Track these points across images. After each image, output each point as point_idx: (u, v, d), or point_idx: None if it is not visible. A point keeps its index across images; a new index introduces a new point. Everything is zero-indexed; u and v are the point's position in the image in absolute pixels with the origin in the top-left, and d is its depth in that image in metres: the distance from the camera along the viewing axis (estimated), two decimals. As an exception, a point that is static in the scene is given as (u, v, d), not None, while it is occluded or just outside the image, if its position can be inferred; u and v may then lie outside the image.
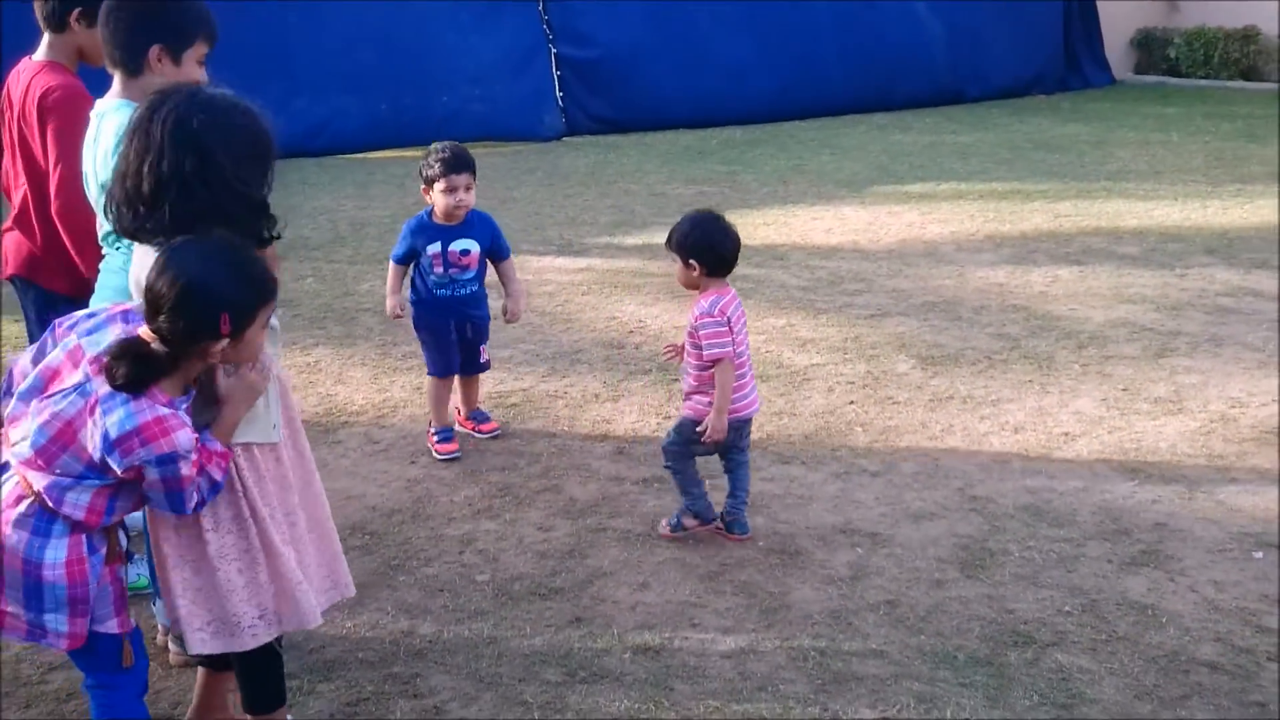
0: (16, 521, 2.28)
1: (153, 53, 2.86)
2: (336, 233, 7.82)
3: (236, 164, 2.40)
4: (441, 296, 4.29)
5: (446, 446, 4.32)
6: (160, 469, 2.24)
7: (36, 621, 2.32)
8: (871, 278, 6.59)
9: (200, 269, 2.24)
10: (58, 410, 2.26)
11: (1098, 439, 4.36)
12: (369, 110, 11.55)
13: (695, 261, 3.50)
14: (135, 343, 2.26)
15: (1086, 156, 10.50)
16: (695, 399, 3.56)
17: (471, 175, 4.22)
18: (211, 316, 2.23)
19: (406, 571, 3.48)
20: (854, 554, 3.55)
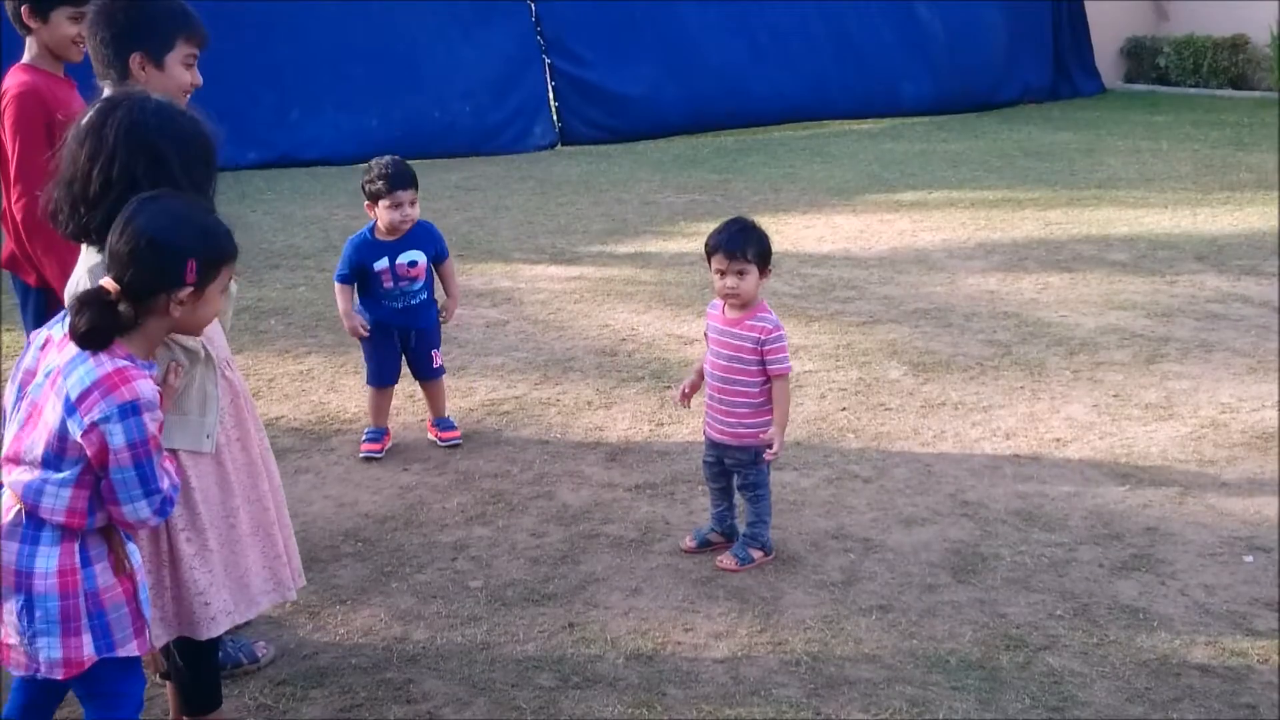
0: (8, 533, 2.24)
1: (134, 61, 2.87)
2: (329, 241, 7.82)
3: (186, 167, 2.43)
4: (393, 309, 4.34)
5: (367, 445, 4.36)
6: (124, 424, 2.16)
7: (30, 650, 2.25)
8: (863, 285, 6.61)
9: (168, 218, 2.26)
10: (29, 397, 2.26)
11: (1089, 444, 4.37)
12: (361, 124, 11.55)
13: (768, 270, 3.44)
14: (97, 292, 2.23)
15: (1077, 164, 10.55)
16: (750, 423, 3.45)
17: (415, 191, 4.28)
18: (178, 263, 2.22)
19: (399, 578, 3.48)
20: (846, 559, 3.56)
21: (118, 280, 2.22)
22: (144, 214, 2.24)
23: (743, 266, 3.40)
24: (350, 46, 11.74)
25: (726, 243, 3.41)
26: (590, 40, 12.82)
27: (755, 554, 3.51)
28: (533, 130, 12.37)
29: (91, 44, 2.93)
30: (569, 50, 12.73)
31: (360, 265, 4.30)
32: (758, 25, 13.44)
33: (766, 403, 3.45)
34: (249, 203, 9.07)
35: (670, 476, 4.15)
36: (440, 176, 10.15)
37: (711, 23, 13.25)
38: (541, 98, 12.59)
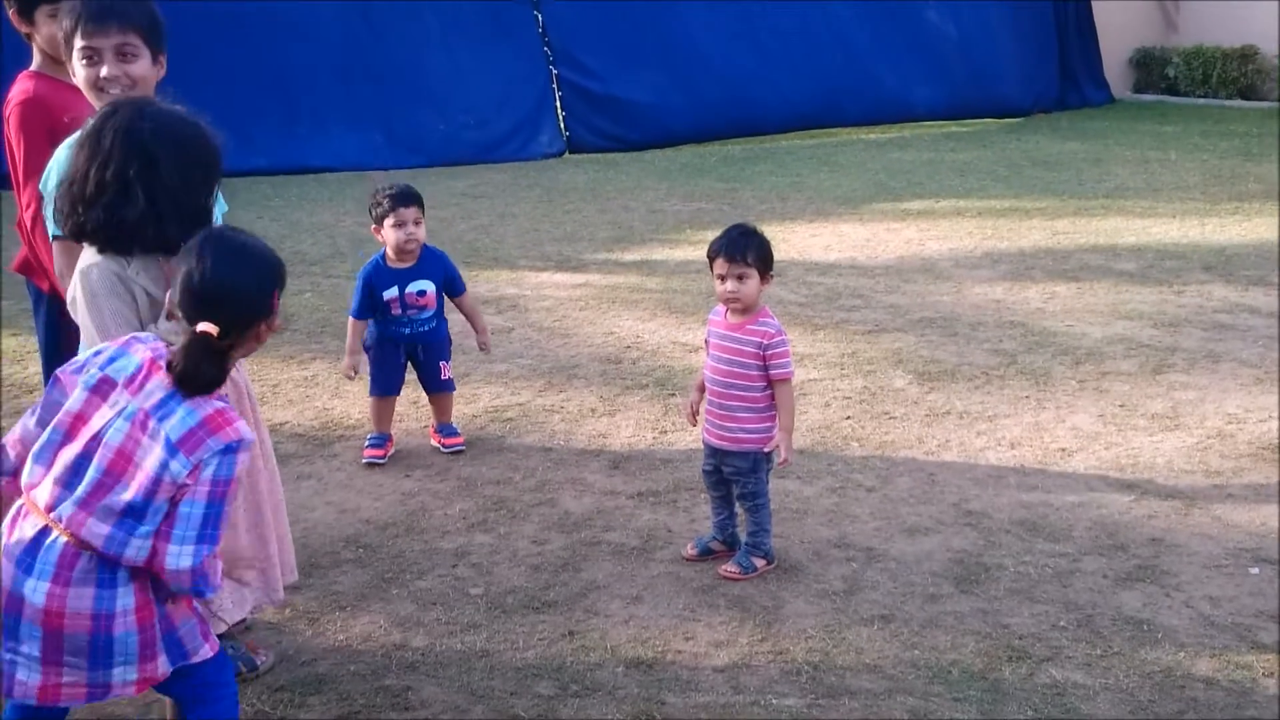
0: (77, 580, 2.20)
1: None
2: (335, 248, 7.83)
3: (180, 171, 2.46)
4: (400, 335, 4.36)
5: (370, 451, 4.37)
6: (221, 460, 2.21)
7: (101, 680, 2.25)
8: (869, 293, 6.60)
9: (245, 257, 2.34)
10: (107, 441, 2.23)
11: (1094, 454, 4.35)
12: (367, 137, 11.58)
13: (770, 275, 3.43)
14: (206, 339, 2.24)
15: (1084, 174, 10.52)
16: (751, 428, 3.44)
17: (419, 209, 4.30)
18: (267, 296, 2.34)
19: (400, 584, 3.47)
20: (848, 568, 3.54)
21: (219, 324, 2.25)
22: (219, 259, 2.30)
23: (743, 271, 3.39)
24: (358, 58, 11.78)
25: (727, 247, 3.40)
26: (597, 50, 12.84)
27: (758, 562, 3.50)
28: (539, 139, 12.39)
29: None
30: (576, 60, 12.76)
31: (371, 294, 4.31)
32: (765, 33, 13.47)
33: (767, 408, 3.44)
34: (256, 209, 9.09)
35: (673, 484, 4.14)
36: (446, 184, 10.17)
37: (718, 31, 13.28)
38: (548, 107, 12.61)
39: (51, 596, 2.20)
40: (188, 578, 2.23)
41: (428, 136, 11.76)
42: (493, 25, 12.40)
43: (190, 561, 2.22)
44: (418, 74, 12.01)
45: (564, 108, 12.68)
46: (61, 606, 2.20)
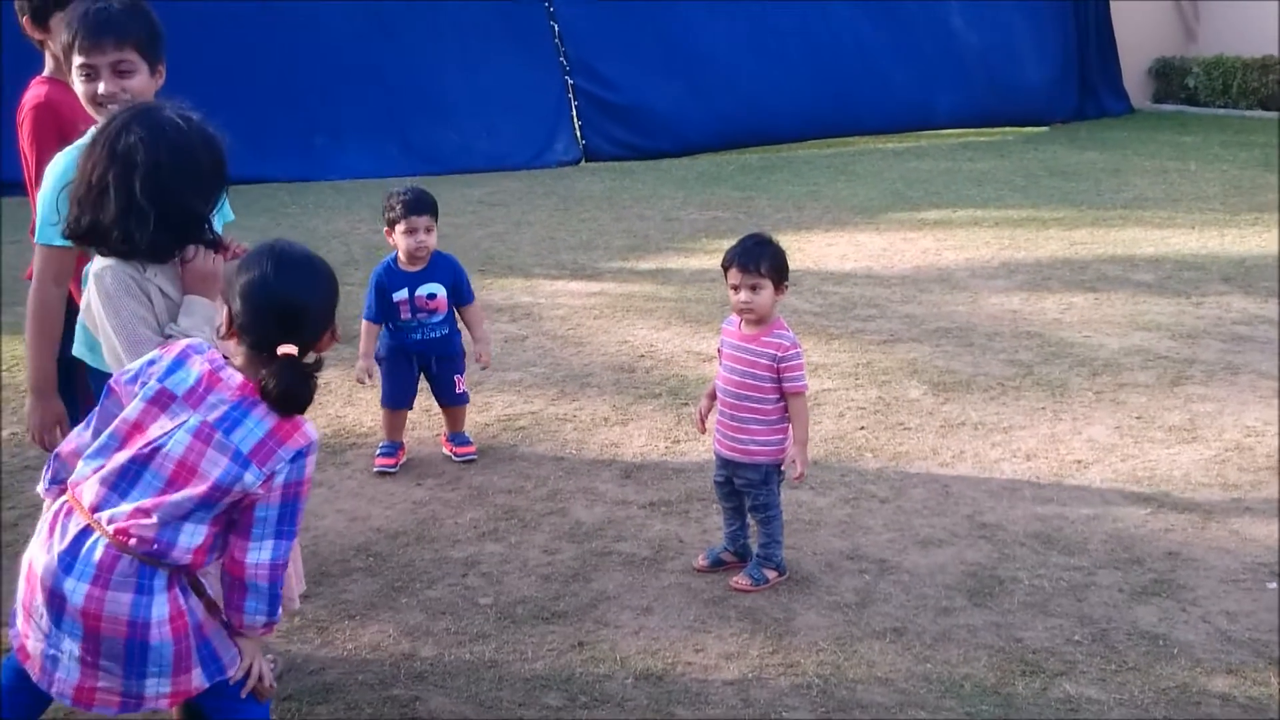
0: (116, 584, 2.21)
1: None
2: (350, 255, 7.85)
3: (159, 176, 2.46)
4: (410, 341, 4.35)
5: (381, 460, 4.37)
6: (292, 467, 2.27)
7: (135, 690, 2.25)
8: (884, 303, 6.57)
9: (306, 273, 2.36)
10: (166, 451, 2.25)
11: (1110, 467, 4.31)
12: (382, 147, 11.63)
13: (784, 285, 3.41)
14: (295, 362, 2.29)
15: (1103, 184, 10.47)
16: (763, 440, 3.41)
17: (432, 217, 4.30)
18: (331, 308, 2.38)
19: (409, 593, 3.46)
20: (861, 580, 3.51)
21: (296, 342, 2.30)
22: (288, 274, 2.32)
23: (757, 281, 3.37)
24: (373, 67, 11.84)
25: (741, 256, 3.38)
26: (614, 59, 12.87)
27: (769, 574, 3.47)
28: (555, 147, 12.42)
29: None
30: (592, 69, 12.79)
31: (385, 296, 4.31)
32: (782, 41, 13.44)
33: (779, 420, 3.42)
34: (273, 216, 9.13)
35: (685, 494, 4.12)
36: (462, 192, 10.19)
37: (735, 40, 13.28)
38: (564, 116, 12.64)
39: (90, 598, 2.20)
40: (266, 571, 2.29)
41: (442, 145, 11.80)
42: (508, 34, 12.45)
43: (270, 555, 2.29)
44: (433, 83, 12.06)
45: (580, 117, 12.71)
46: (99, 609, 2.20)
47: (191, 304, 2.58)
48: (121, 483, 2.26)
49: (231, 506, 2.29)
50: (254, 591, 2.32)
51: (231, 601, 2.34)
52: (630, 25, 12.89)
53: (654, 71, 12.94)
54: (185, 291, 2.60)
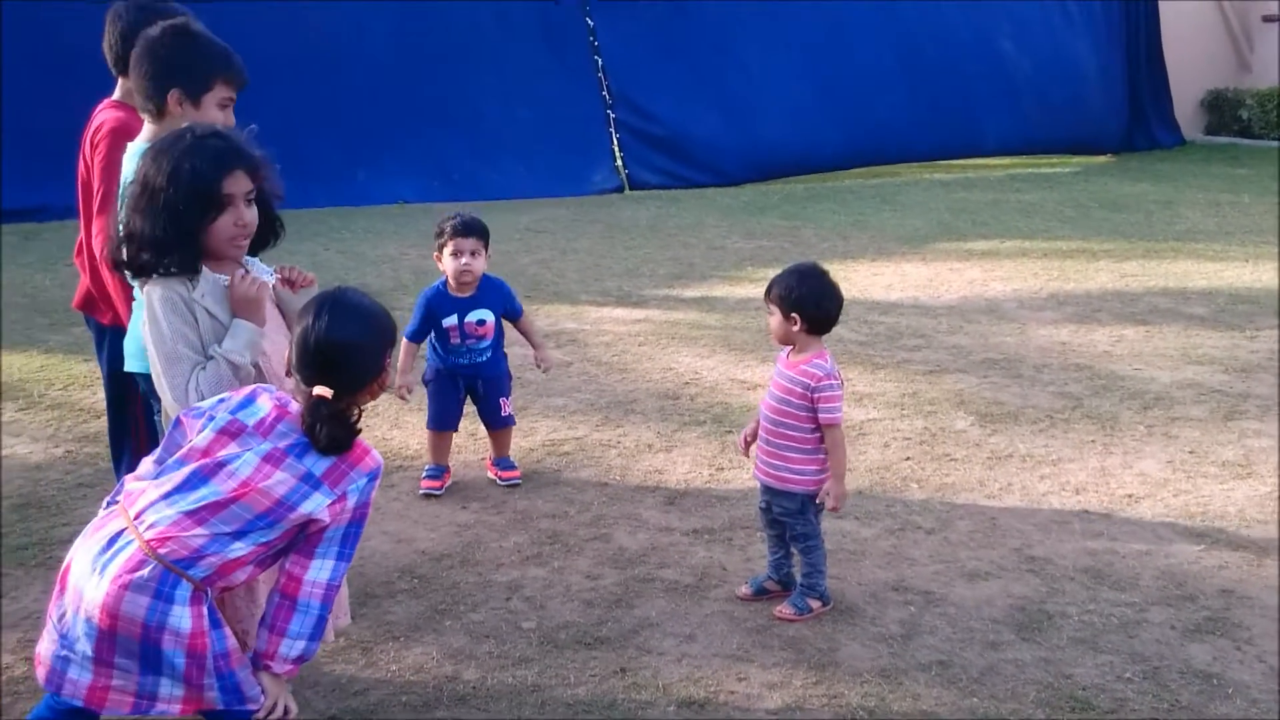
0: (135, 586, 2.25)
1: (172, 97, 2.96)
2: (399, 280, 7.92)
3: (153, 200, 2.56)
4: (458, 365, 4.38)
5: (427, 482, 4.39)
6: (363, 491, 2.38)
7: (149, 690, 2.28)
8: (931, 334, 6.53)
9: (356, 320, 2.44)
10: (232, 469, 2.32)
11: (1162, 501, 4.24)
12: (424, 183, 11.78)
13: (797, 316, 3.37)
14: (322, 403, 2.37)
15: (1154, 216, 10.35)
16: (798, 468, 3.40)
17: (479, 241, 4.33)
18: (378, 355, 2.46)
19: (453, 616, 3.47)
20: (906, 612, 3.47)
21: (333, 387, 2.38)
22: (336, 321, 2.40)
23: (770, 308, 3.43)
24: (416, 99, 12.00)
25: (769, 284, 3.44)
26: (656, 92, 12.95)
27: (813, 604, 3.45)
28: (594, 179, 12.51)
29: (135, 78, 3.02)
30: (634, 103, 12.88)
31: (429, 321, 4.35)
32: (827, 71, 13.42)
33: (815, 450, 3.40)
34: (322, 240, 9.25)
35: (728, 522, 4.10)
36: (510, 219, 10.26)
37: (778, 70, 13.27)
38: (606, 150, 12.77)
39: (109, 595, 2.25)
40: (322, 590, 2.37)
41: (484, 175, 11.92)
42: (551, 71, 12.57)
43: (328, 575, 2.37)
44: (474, 114, 12.21)
45: (622, 150, 12.82)
46: (116, 607, 2.25)
47: (236, 327, 2.63)
48: (176, 493, 2.31)
49: (292, 533, 2.33)
50: (303, 611, 2.34)
51: (275, 624, 2.36)
52: (673, 57, 12.95)
53: (696, 103, 12.99)
54: (233, 314, 2.64)
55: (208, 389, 2.55)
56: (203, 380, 2.57)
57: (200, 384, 2.56)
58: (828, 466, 3.40)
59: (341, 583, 2.43)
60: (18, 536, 3.95)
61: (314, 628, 2.38)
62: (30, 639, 3.12)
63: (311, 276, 2.87)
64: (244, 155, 2.61)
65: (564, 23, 12.77)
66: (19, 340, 6.36)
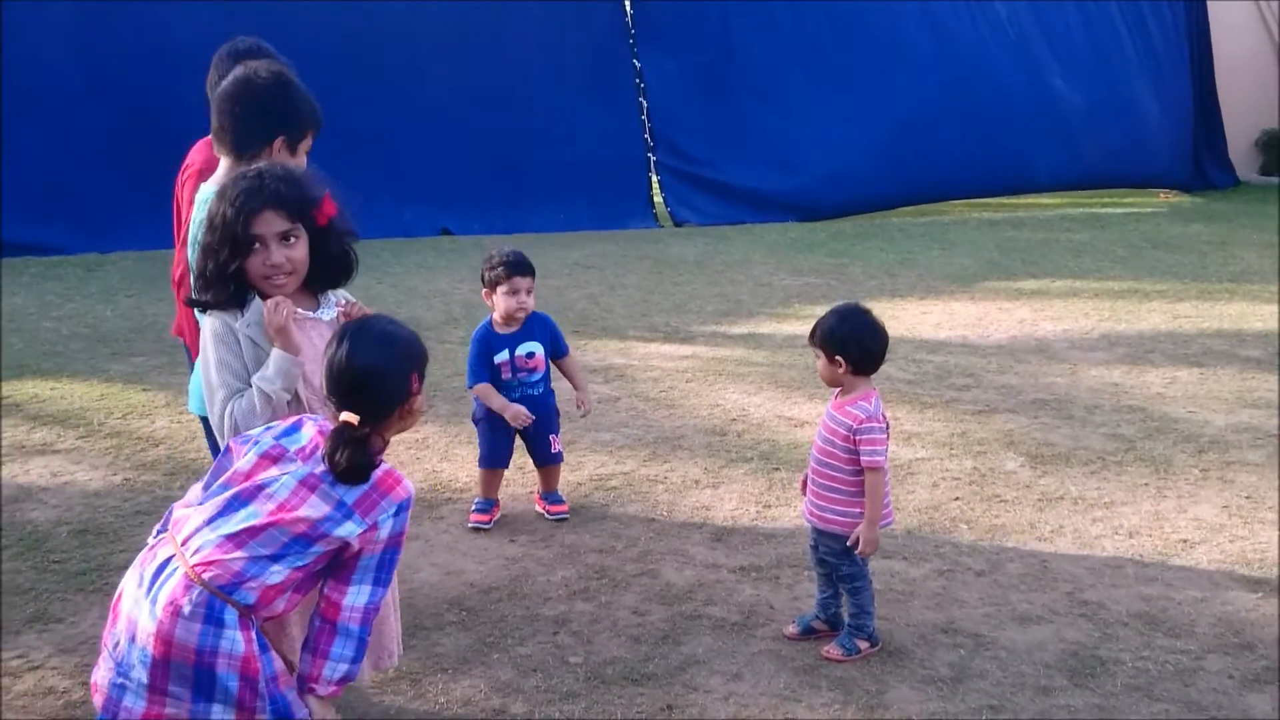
0: (185, 613, 2.29)
1: (276, 143, 3.03)
2: (449, 314, 8.01)
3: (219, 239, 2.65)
4: (511, 400, 4.39)
5: (476, 516, 4.42)
6: (396, 519, 2.41)
7: (202, 715, 2.31)
8: (980, 373, 6.48)
9: (378, 344, 2.48)
10: (270, 492, 2.37)
11: (1218, 547, 4.18)
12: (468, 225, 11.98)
13: (841, 358, 3.38)
14: (343, 429, 2.41)
15: (1208, 257, 10.24)
16: (841, 510, 3.39)
17: (532, 279, 4.38)
18: (403, 380, 2.48)
19: (501, 649, 3.49)
20: (956, 654, 3.44)
21: (357, 411, 2.42)
22: (357, 347, 2.46)
23: (815, 351, 3.46)
24: (465, 137, 12.23)
25: (813, 327, 3.47)
26: (699, 133, 13.13)
27: (861, 645, 3.43)
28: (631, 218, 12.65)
29: (226, 119, 3.08)
30: (676, 144, 13.05)
31: (485, 357, 4.39)
32: (874, 114, 13.43)
33: (859, 493, 3.38)
34: (375, 274, 9.37)
35: (776, 560, 4.09)
36: (559, 255, 10.35)
37: (823, 114, 13.31)
38: (645, 190, 12.95)
39: (162, 623, 2.29)
40: (360, 614, 2.40)
41: (524, 211, 12.08)
42: (595, 112, 12.77)
43: (365, 600, 2.40)
44: (520, 150, 12.42)
45: (664, 189, 13.01)
46: (170, 634, 2.29)
47: (271, 357, 2.67)
48: (218, 516, 2.37)
49: (327, 557, 2.36)
50: (344, 635, 2.38)
51: (318, 647, 2.40)
52: (718, 100, 13.14)
53: (739, 145, 13.11)
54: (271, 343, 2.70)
55: (241, 418, 2.61)
56: (237, 409, 2.63)
57: (235, 412, 2.63)
58: (881, 509, 3.39)
59: (380, 605, 2.45)
60: (77, 562, 4.03)
61: (355, 650, 2.41)
62: (88, 664, 3.17)
63: (361, 306, 2.92)
64: (274, 194, 2.63)
65: (612, 64, 12.98)
66: (81, 369, 6.51)
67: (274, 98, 3.07)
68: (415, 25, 12.16)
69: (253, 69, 3.12)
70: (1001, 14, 14.16)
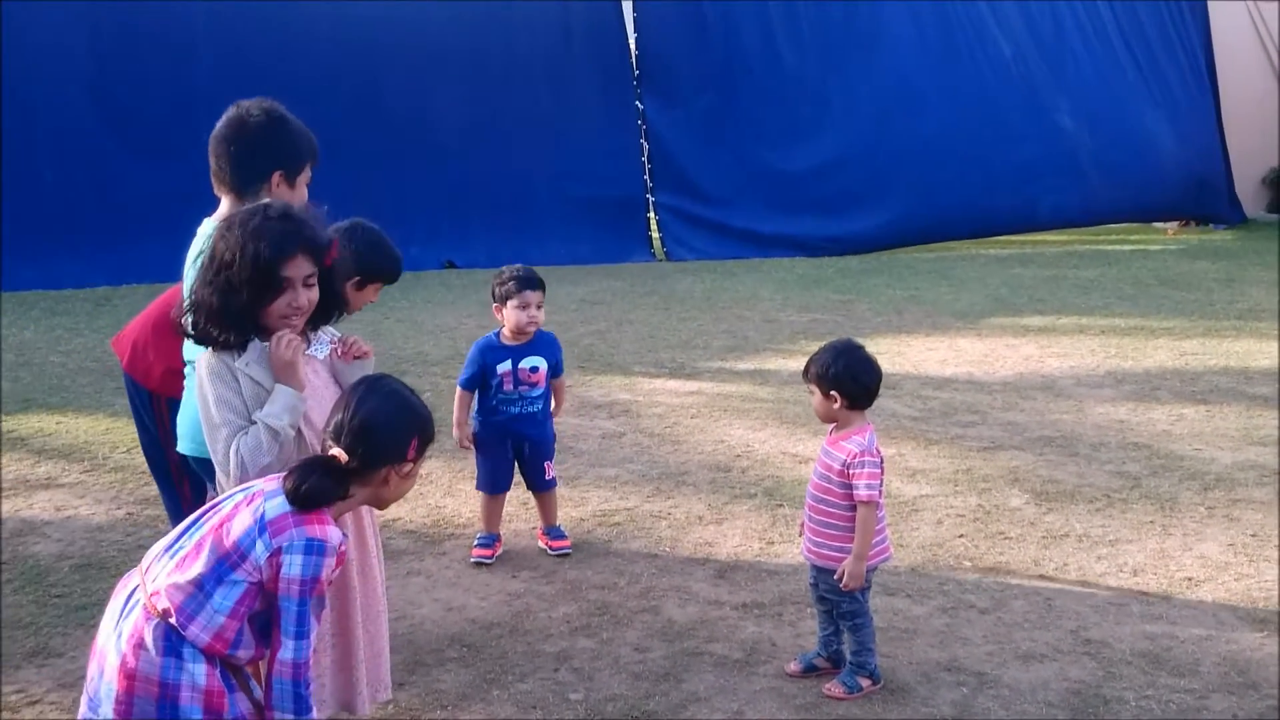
0: (145, 645, 2.30)
1: (275, 178, 3.07)
2: (456, 349, 8.04)
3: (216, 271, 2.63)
4: (509, 414, 4.42)
5: (479, 550, 4.42)
6: (305, 558, 2.31)
7: None
8: (986, 410, 6.48)
9: (396, 401, 2.51)
10: (219, 506, 2.39)
11: (1223, 585, 4.15)
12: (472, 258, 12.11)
13: (836, 393, 3.39)
14: (327, 460, 2.41)
15: (1215, 294, 10.23)
16: (838, 545, 3.38)
17: (542, 294, 4.42)
18: (405, 441, 2.47)
19: (501, 686, 3.48)
20: (959, 693, 3.42)
21: (350, 451, 2.42)
22: (375, 396, 2.50)
23: (810, 387, 3.46)
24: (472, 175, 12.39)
25: (806, 364, 3.48)
26: (700, 176, 13.27)
27: (863, 682, 3.41)
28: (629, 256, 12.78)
29: (224, 158, 3.12)
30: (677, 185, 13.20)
31: (483, 368, 4.41)
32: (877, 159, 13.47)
33: (853, 528, 3.38)
34: (382, 310, 9.41)
35: (778, 597, 4.08)
36: (567, 290, 10.39)
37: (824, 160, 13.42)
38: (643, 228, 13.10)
39: (125, 657, 2.31)
40: (289, 669, 2.35)
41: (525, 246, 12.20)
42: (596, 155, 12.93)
43: (291, 654, 2.34)
44: (523, 186, 12.58)
45: (661, 229, 13.16)
46: (134, 669, 2.30)
47: (276, 392, 2.66)
48: (175, 540, 2.39)
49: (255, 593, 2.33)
50: (278, 687, 2.37)
51: (266, 696, 2.40)
52: (717, 143, 13.27)
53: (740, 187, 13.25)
54: (274, 379, 2.69)
55: (248, 455, 2.59)
56: (243, 445, 2.61)
57: (241, 449, 2.60)
58: (870, 543, 3.38)
59: (307, 660, 2.36)
60: (78, 597, 4.04)
61: (293, 704, 2.36)
62: (88, 698, 3.17)
63: (368, 348, 2.93)
64: (308, 239, 2.65)
65: (619, 107, 13.19)
66: (87, 404, 6.54)
67: (268, 134, 3.11)
68: (422, 62, 12.33)
69: (244, 108, 3.16)
70: (1007, 54, 14.24)
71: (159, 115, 10.84)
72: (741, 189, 13.23)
